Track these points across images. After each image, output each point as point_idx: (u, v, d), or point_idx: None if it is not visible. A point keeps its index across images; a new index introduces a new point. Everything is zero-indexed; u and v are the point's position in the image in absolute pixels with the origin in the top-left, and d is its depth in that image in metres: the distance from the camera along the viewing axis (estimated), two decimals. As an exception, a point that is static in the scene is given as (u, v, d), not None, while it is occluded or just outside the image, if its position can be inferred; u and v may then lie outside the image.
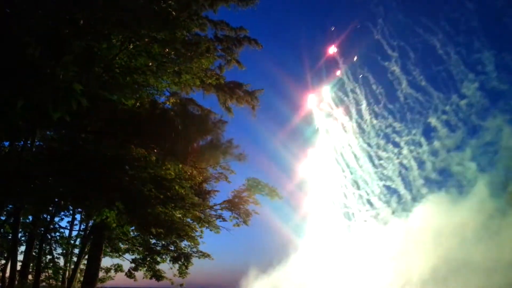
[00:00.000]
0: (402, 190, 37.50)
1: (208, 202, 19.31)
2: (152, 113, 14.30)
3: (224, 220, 18.90)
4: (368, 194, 39.01)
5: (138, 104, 16.05)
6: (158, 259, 20.16)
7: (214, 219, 18.78)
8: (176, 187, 14.69)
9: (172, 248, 20.21)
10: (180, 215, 16.20)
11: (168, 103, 17.62)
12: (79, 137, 14.61)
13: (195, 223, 18.43)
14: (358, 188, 38.93)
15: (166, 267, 20.85)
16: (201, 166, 16.19)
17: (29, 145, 15.08)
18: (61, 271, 23.03)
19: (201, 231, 20.01)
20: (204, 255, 20.13)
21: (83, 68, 10.37)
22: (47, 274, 22.05)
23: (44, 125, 13.60)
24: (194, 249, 20.18)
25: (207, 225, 18.72)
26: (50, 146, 15.59)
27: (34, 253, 20.10)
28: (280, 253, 36.82)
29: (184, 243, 20.13)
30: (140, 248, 20.78)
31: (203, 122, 14.90)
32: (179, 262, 19.85)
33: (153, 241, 20.84)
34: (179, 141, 13.55)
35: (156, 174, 14.98)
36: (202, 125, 14.50)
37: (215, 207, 19.01)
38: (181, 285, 21.79)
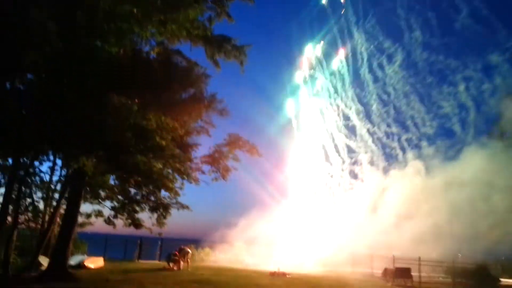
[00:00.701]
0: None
1: (190, 155, 19.53)
2: (135, 63, 14.06)
3: (203, 173, 19.25)
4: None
5: (121, 51, 15.82)
6: (137, 208, 20.50)
7: (193, 172, 19.07)
8: (157, 138, 14.76)
9: (152, 198, 20.55)
10: (160, 166, 16.41)
11: (152, 52, 17.36)
12: (59, 83, 14.39)
13: (175, 174, 18.71)
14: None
15: (145, 216, 21.33)
16: (183, 119, 16.23)
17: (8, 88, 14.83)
18: (40, 215, 23.37)
19: (182, 184, 20.43)
20: (183, 206, 20.52)
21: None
22: (26, 217, 22.34)
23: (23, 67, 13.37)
24: (174, 200, 20.53)
25: (186, 177, 19.02)
26: (30, 90, 15.35)
27: (13, 196, 20.33)
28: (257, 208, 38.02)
29: (164, 194, 20.47)
30: (120, 197, 21.08)
31: (187, 74, 14.76)
32: (158, 212, 20.24)
33: (132, 190, 21.20)
34: (162, 93, 13.51)
35: (137, 124, 15.01)
36: (186, 78, 14.38)
37: (195, 161, 19.26)
38: (160, 234, 22.44)
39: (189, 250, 25.64)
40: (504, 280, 26.75)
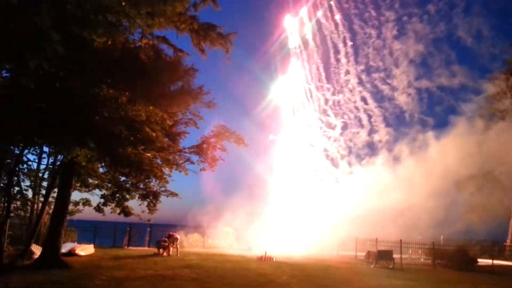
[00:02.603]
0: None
1: (178, 144, 20.21)
2: (125, 55, 14.55)
3: (192, 163, 20.00)
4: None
5: (109, 42, 16.26)
6: (127, 196, 21.14)
7: (182, 162, 19.80)
8: (147, 130, 15.39)
9: (142, 186, 21.22)
10: (150, 156, 17.07)
11: (140, 43, 17.80)
12: (49, 73, 14.79)
13: (164, 164, 19.41)
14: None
15: (135, 204, 22.02)
16: (172, 110, 16.84)
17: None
18: (29, 203, 23.87)
19: (170, 171, 21.14)
20: (172, 194, 21.27)
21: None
22: (15, 205, 22.81)
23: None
24: (163, 188, 21.26)
25: (175, 167, 19.74)
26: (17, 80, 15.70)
27: (2, 185, 20.78)
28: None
29: (153, 181, 21.15)
30: (110, 185, 21.68)
31: (175, 67, 15.33)
32: (148, 200, 20.94)
33: (122, 178, 21.81)
34: (151, 85, 14.06)
35: (127, 115, 15.57)
36: (174, 71, 14.96)
37: (183, 151, 19.95)
38: (149, 220, 23.22)
39: (178, 237, 26.52)
40: (482, 261, 28.32)
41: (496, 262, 29.08)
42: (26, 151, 21.29)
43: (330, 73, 43.39)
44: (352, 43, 42.97)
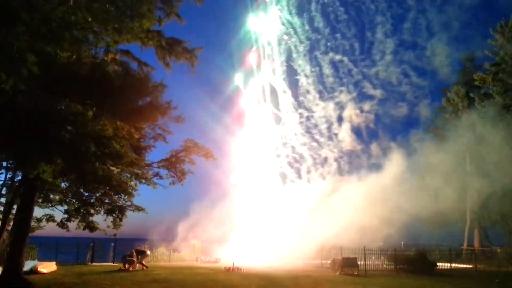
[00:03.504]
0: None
1: (144, 157, 20.42)
2: (93, 71, 14.77)
3: (161, 177, 20.25)
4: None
5: (74, 56, 16.40)
6: (92, 211, 21.01)
7: (151, 176, 20.03)
8: (115, 145, 15.57)
9: (107, 201, 21.15)
10: (118, 171, 17.20)
11: (106, 58, 17.99)
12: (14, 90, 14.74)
13: (133, 177, 19.54)
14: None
15: (100, 218, 21.87)
16: (140, 125, 17.11)
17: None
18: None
19: (135, 185, 21.21)
20: (138, 208, 21.30)
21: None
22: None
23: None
24: (129, 203, 21.27)
25: (144, 181, 19.92)
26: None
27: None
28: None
29: (119, 196, 21.11)
30: (73, 200, 21.48)
31: (144, 84, 15.68)
32: (113, 215, 20.88)
33: (86, 193, 21.65)
34: (119, 101, 14.31)
35: (94, 130, 15.70)
36: (143, 87, 15.31)
37: (152, 165, 20.21)
38: (114, 235, 23.09)
39: (148, 253, 26.43)
40: (441, 265, 29.98)
41: (454, 265, 30.88)
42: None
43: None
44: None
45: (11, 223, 22.15)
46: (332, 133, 43.40)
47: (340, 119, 42.97)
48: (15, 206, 20.81)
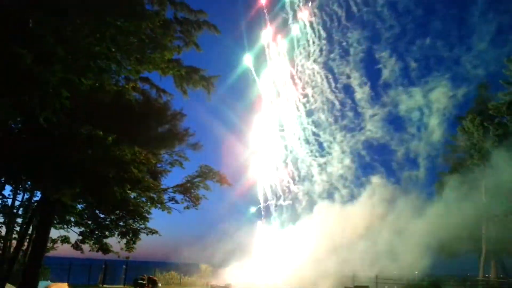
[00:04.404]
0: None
1: (160, 182, 20.98)
2: (114, 100, 15.50)
3: (176, 202, 20.77)
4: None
5: (97, 84, 17.21)
6: (107, 233, 21.46)
7: (166, 200, 20.54)
8: (134, 170, 16.16)
9: (121, 223, 21.61)
10: (134, 195, 17.73)
11: (127, 86, 18.77)
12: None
13: (148, 203, 20.06)
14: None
15: (113, 240, 22.30)
16: (158, 152, 17.74)
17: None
18: (1, 240, 23.73)
19: (149, 208, 21.68)
20: (152, 231, 21.72)
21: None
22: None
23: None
24: (143, 225, 21.70)
25: (159, 206, 20.42)
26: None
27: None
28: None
29: (133, 219, 21.57)
30: (89, 222, 21.99)
31: (163, 112, 16.38)
32: (127, 237, 21.30)
33: (101, 216, 22.16)
34: (139, 128, 15.00)
35: (113, 155, 16.32)
36: (162, 115, 15.99)
37: (168, 190, 20.76)
38: (127, 257, 23.49)
39: (159, 285, 26.75)
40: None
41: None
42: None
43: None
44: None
45: (25, 243, 22.68)
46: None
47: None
48: (30, 227, 21.41)
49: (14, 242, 23.04)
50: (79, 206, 22.40)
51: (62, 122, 16.09)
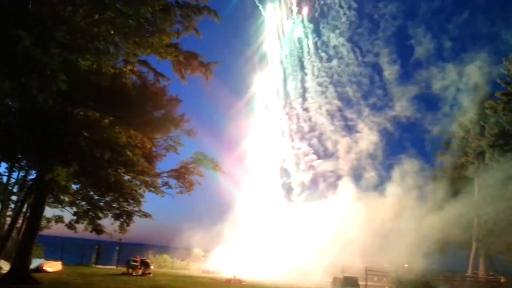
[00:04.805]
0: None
1: (155, 166, 21.18)
2: (113, 82, 15.64)
3: (170, 187, 21.03)
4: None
5: (95, 66, 17.32)
6: (100, 214, 21.70)
7: (160, 185, 20.81)
8: (129, 153, 16.38)
9: (115, 205, 21.84)
10: (129, 178, 17.96)
11: (124, 68, 18.90)
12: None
13: (142, 185, 20.32)
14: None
15: (107, 222, 22.57)
16: (153, 136, 17.92)
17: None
18: (-4, 217, 24.02)
19: (143, 191, 21.92)
20: (146, 215, 21.98)
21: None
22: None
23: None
24: (136, 208, 21.95)
25: (153, 189, 20.69)
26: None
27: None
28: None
29: (127, 202, 21.81)
30: (83, 203, 22.25)
31: (160, 97, 16.52)
32: (121, 219, 21.57)
33: (96, 197, 22.38)
34: (135, 111, 15.16)
35: (108, 137, 16.52)
36: (158, 100, 16.14)
37: (162, 175, 21.00)
38: (120, 239, 23.82)
39: (151, 267, 27.13)
40: (443, 290, 30.13)
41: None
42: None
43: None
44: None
45: (19, 221, 22.96)
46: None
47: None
48: (25, 205, 21.67)
49: (8, 220, 23.37)
50: (74, 187, 22.72)
51: (58, 104, 16.29)
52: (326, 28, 43.46)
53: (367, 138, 41.53)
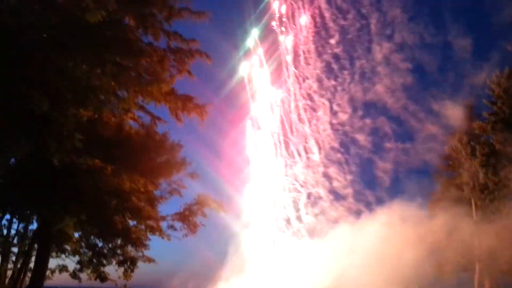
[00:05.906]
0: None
1: (157, 209, 21.54)
2: (115, 133, 16.27)
3: (175, 230, 21.36)
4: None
5: (96, 116, 17.95)
6: (104, 261, 21.79)
7: (165, 229, 21.14)
8: (134, 200, 16.80)
9: (119, 252, 21.98)
10: (134, 224, 18.29)
11: (125, 117, 19.55)
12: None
13: (148, 231, 20.60)
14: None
15: (111, 269, 22.59)
16: (156, 181, 18.42)
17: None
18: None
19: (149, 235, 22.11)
20: (149, 260, 22.15)
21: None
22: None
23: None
24: (140, 254, 22.11)
25: (158, 234, 20.98)
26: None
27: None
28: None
29: (130, 247, 21.98)
30: (87, 250, 22.32)
31: (162, 144, 17.17)
32: (125, 266, 21.66)
33: (100, 243, 22.50)
34: (138, 159, 15.73)
35: (112, 185, 16.95)
36: (161, 147, 16.77)
37: (167, 218, 21.36)
38: (125, 286, 23.72)
39: None
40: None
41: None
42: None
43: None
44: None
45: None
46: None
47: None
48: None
49: (9, 273, 23.20)
50: (75, 235, 22.81)
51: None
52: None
53: None
